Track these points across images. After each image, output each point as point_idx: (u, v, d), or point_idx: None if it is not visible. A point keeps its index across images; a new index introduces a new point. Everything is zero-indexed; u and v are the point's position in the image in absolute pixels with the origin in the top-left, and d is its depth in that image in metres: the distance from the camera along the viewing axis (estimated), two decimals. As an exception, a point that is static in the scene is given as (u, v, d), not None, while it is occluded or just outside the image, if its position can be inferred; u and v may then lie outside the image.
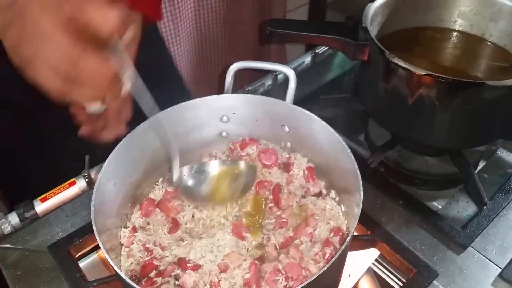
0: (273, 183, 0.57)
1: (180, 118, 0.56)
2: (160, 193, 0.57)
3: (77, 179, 0.70)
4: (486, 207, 0.60)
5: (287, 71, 0.56)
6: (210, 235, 0.52)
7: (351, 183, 0.49)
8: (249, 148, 0.60)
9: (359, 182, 0.47)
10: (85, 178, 0.70)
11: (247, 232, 0.52)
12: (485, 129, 0.61)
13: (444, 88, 0.55)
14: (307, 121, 0.54)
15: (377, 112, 0.67)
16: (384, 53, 0.57)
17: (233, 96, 0.57)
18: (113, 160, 0.50)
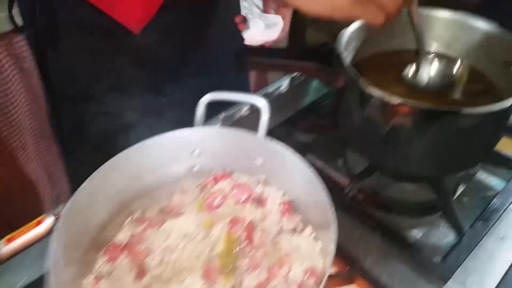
0: (247, 220, 0.54)
1: (148, 155, 0.54)
2: (127, 235, 0.54)
3: (46, 216, 0.67)
4: (465, 237, 0.59)
5: (259, 103, 0.54)
6: (180, 279, 0.49)
7: (326, 218, 0.47)
8: (222, 182, 0.57)
9: (332, 217, 0.45)
10: (54, 215, 0.67)
11: (219, 275, 0.50)
12: (463, 155, 0.59)
13: (419, 116, 0.54)
14: (280, 154, 0.52)
15: (354, 139, 0.65)
16: (358, 81, 0.55)
17: (204, 129, 0.55)
18: (73, 206, 0.47)
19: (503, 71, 0.64)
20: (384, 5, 0.50)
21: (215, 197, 0.56)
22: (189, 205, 0.56)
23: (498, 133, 0.62)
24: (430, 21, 0.69)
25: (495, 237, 0.60)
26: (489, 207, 0.62)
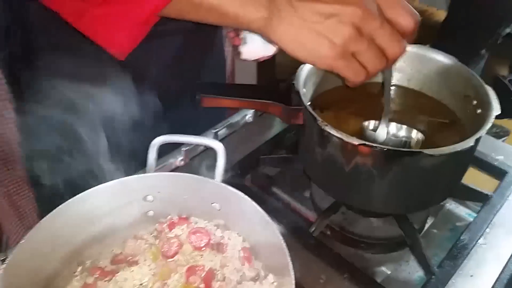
0: (206, 268, 0.52)
1: (98, 201, 0.51)
2: (79, 285, 0.51)
3: (-6, 261, 0.63)
4: (434, 277, 0.57)
5: (216, 145, 0.52)
6: (133, 335, 0.46)
7: (284, 264, 0.45)
8: (178, 228, 0.54)
9: (289, 263, 0.43)
10: (2, 262, 0.62)
11: (175, 330, 0.47)
12: (428, 193, 0.58)
13: (379, 157, 0.53)
14: (236, 200, 0.50)
15: (317, 177, 0.63)
16: (317, 121, 0.54)
17: (156, 175, 0.52)
18: (15, 262, 0.44)
19: (464, 104, 0.64)
20: (367, 64, 0.50)
21: (171, 244, 0.53)
22: (143, 253, 0.53)
23: (462, 169, 0.61)
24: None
25: (465, 275, 0.59)
26: (458, 244, 0.61)
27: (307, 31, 0.47)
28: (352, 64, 0.49)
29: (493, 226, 0.64)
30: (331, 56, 0.48)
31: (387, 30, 0.48)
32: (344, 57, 0.48)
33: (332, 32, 0.46)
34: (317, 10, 0.46)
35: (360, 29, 0.47)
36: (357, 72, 0.50)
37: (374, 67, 0.50)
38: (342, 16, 0.46)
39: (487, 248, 0.62)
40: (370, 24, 0.47)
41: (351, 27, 0.46)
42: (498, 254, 0.61)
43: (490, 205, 0.66)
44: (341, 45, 0.47)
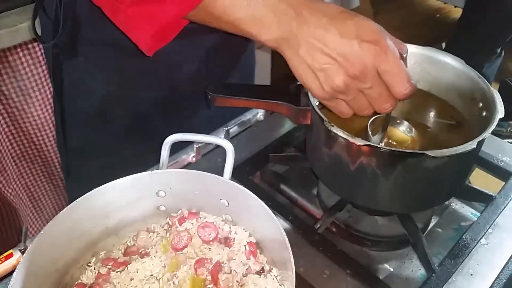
0: (213, 261, 0.54)
1: (113, 196, 0.54)
2: (93, 275, 0.54)
3: (14, 251, 0.66)
4: (435, 275, 0.59)
5: (225, 144, 0.54)
6: (143, 323, 0.49)
7: (287, 259, 0.47)
8: (188, 222, 0.57)
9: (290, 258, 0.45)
10: (21, 251, 0.66)
11: (183, 318, 0.49)
12: (431, 193, 0.60)
13: (383, 157, 0.54)
14: (244, 197, 0.52)
15: (324, 175, 0.65)
16: (324, 122, 0.56)
17: (168, 172, 0.55)
18: (34, 251, 0.47)
19: (471, 107, 0.65)
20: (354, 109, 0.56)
21: (182, 237, 0.55)
22: (155, 245, 0.56)
23: (466, 170, 0.62)
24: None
25: (465, 274, 0.60)
26: (459, 243, 0.62)
27: (307, 67, 0.53)
28: (339, 104, 0.56)
29: (496, 226, 0.65)
30: (320, 96, 0.55)
31: (376, 91, 0.52)
32: (331, 99, 0.55)
33: (324, 78, 0.52)
34: (319, 55, 0.51)
35: (349, 84, 0.52)
36: (342, 111, 0.56)
37: (360, 112, 0.56)
38: (338, 68, 0.51)
39: (488, 248, 0.63)
40: (360, 83, 0.52)
41: (342, 82, 0.51)
42: (498, 255, 0.62)
43: (494, 206, 0.67)
44: (329, 91, 0.53)
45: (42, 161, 1.32)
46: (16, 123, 1.20)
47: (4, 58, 1.07)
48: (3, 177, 1.26)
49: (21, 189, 1.37)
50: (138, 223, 0.57)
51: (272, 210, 0.50)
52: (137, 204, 0.56)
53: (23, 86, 1.13)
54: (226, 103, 0.63)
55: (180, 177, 0.55)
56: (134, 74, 0.76)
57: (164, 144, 0.55)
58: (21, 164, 1.32)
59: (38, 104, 1.17)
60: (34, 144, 1.26)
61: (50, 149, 1.28)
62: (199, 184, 0.55)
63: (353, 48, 0.50)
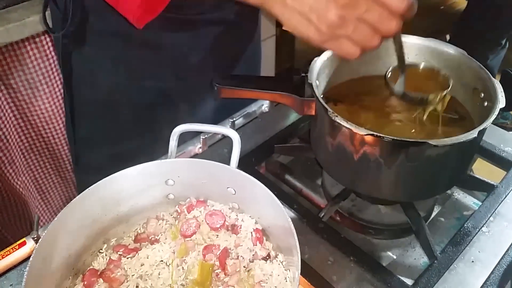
0: (221, 247, 0.56)
1: (123, 184, 0.55)
2: (104, 261, 0.56)
3: (27, 239, 0.68)
4: (437, 261, 0.60)
5: (232, 134, 0.56)
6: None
7: (292, 245, 0.49)
8: (196, 210, 0.59)
9: (296, 245, 0.47)
10: (34, 239, 0.68)
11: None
12: (433, 182, 0.61)
13: (386, 146, 0.55)
14: (250, 185, 0.54)
15: (328, 165, 0.67)
16: (328, 112, 0.57)
17: (176, 161, 0.56)
18: (48, 237, 0.49)
19: (473, 97, 0.66)
20: (358, 43, 0.51)
21: (190, 224, 0.57)
22: (164, 232, 0.58)
23: (467, 159, 0.63)
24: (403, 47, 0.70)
25: (466, 261, 0.62)
26: (461, 231, 0.64)
27: (297, 14, 0.50)
28: (342, 44, 0.51)
29: (497, 215, 0.67)
30: (319, 40, 0.51)
31: (374, 13, 0.49)
32: (332, 39, 0.51)
33: (317, 18, 0.49)
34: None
35: (345, 16, 0.49)
36: (348, 51, 0.52)
37: (367, 45, 0.52)
38: (327, 3, 0.48)
39: (489, 236, 0.64)
40: (355, 10, 0.49)
41: (335, 15, 0.49)
42: (499, 242, 0.63)
43: (495, 195, 0.68)
44: (326, 31, 0.50)
45: (50, 154, 1.34)
46: (24, 116, 1.22)
47: (12, 52, 1.08)
48: (12, 169, 1.28)
49: (29, 181, 1.39)
50: (147, 211, 0.59)
51: (277, 199, 0.51)
52: (147, 192, 0.58)
53: (31, 80, 1.15)
54: (232, 94, 0.65)
55: (188, 166, 0.56)
56: (141, 65, 0.78)
57: (173, 134, 0.57)
58: (29, 156, 1.34)
59: (46, 97, 1.19)
60: (42, 137, 1.28)
61: (58, 141, 1.30)
62: (207, 173, 0.56)
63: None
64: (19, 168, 1.30)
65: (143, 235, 0.58)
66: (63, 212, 0.51)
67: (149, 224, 0.59)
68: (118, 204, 0.56)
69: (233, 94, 0.65)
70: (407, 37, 0.71)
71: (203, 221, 0.58)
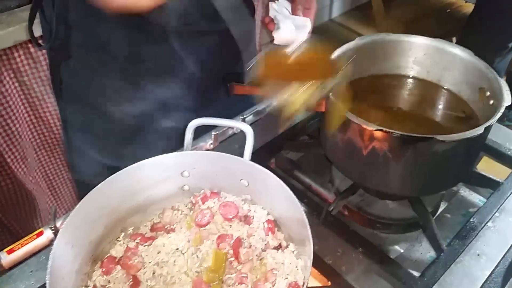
0: (234, 237, 0.58)
1: (140, 175, 0.57)
2: (122, 249, 0.58)
3: (44, 229, 0.70)
4: (443, 254, 0.62)
5: (245, 128, 0.58)
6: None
7: (305, 235, 0.51)
8: (210, 201, 0.61)
9: (309, 235, 0.49)
10: (51, 229, 0.70)
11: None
12: (440, 177, 0.63)
13: (394, 141, 0.57)
14: (263, 177, 0.56)
15: (337, 160, 0.69)
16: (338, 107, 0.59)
17: (192, 153, 0.58)
18: (70, 224, 0.51)
19: (479, 96, 0.68)
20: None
21: (204, 214, 0.59)
22: (179, 222, 0.60)
23: (474, 156, 0.65)
24: (410, 47, 0.72)
25: (472, 254, 0.64)
26: (467, 225, 0.65)
27: None
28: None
29: (503, 211, 0.68)
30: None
31: None
32: None
33: None
34: None
35: None
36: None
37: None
38: None
39: (495, 230, 0.66)
40: None
41: None
42: (504, 237, 0.65)
43: (501, 191, 0.70)
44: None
45: (61, 151, 1.36)
46: (37, 112, 1.24)
47: (26, 50, 1.11)
48: (24, 165, 1.30)
49: (40, 177, 1.41)
50: (163, 202, 0.61)
51: (288, 192, 0.53)
52: (163, 183, 0.60)
53: (44, 77, 1.17)
54: (244, 91, 0.67)
55: (203, 158, 0.58)
56: (127, 78, 0.77)
57: (188, 127, 0.59)
58: (41, 153, 1.36)
59: (58, 94, 1.21)
60: (53, 133, 1.31)
61: (69, 138, 1.32)
62: (221, 165, 0.58)
63: None
64: (31, 164, 1.32)
65: (159, 225, 0.60)
66: (84, 200, 0.53)
67: (165, 214, 0.61)
68: (136, 194, 0.59)
69: (245, 91, 0.67)
70: (414, 37, 0.73)
71: (217, 211, 0.60)
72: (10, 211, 1.32)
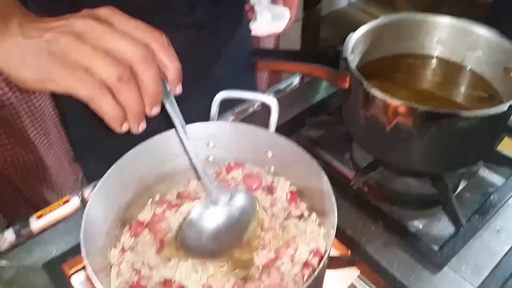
0: (257, 206, 0.59)
1: (167, 145, 0.59)
2: (149, 215, 0.60)
3: (71, 197, 0.73)
4: (462, 229, 0.63)
5: (270, 101, 0.59)
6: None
7: (328, 206, 0.52)
8: (235, 172, 0.62)
9: (333, 204, 0.50)
10: (79, 197, 0.73)
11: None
12: (462, 154, 0.63)
13: (418, 117, 0.58)
14: (288, 148, 0.57)
15: (359, 136, 0.70)
16: (363, 84, 0.60)
17: (218, 123, 0.60)
18: (102, 187, 0.53)
19: (503, 76, 0.68)
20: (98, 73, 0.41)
21: (229, 184, 0.61)
22: (204, 191, 0.61)
23: (496, 134, 0.65)
24: (435, 26, 0.73)
25: (492, 230, 0.65)
26: (488, 202, 0.66)
27: (30, 46, 0.41)
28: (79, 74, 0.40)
29: (523, 189, 0.69)
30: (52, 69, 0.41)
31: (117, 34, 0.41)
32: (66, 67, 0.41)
33: (50, 42, 0.41)
34: (40, 26, 0.42)
35: (81, 35, 0.41)
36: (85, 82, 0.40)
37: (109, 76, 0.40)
38: (62, 28, 0.41)
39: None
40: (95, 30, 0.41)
41: (71, 35, 0.41)
42: (524, 214, 0.66)
43: (522, 170, 0.70)
44: (60, 53, 0.40)
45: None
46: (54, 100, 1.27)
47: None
48: (47, 140, 1.33)
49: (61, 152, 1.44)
50: (189, 172, 0.63)
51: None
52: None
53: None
54: (269, 67, 0.68)
55: (229, 129, 0.60)
56: None
57: (214, 100, 0.61)
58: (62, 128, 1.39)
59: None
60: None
61: (90, 114, 1.35)
62: (246, 136, 0.60)
63: None
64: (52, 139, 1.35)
65: (185, 193, 0.62)
66: (116, 165, 0.55)
67: (191, 183, 0.63)
68: (163, 163, 0.61)
69: (269, 67, 0.68)
70: (440, 17, 0.73)
71: (241, 182, 0.62)
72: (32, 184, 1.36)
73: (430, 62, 0.75)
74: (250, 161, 0.63)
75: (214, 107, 0.62)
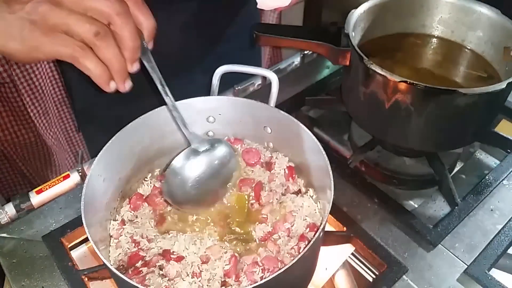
0: (255, 181, 0.60)
1: (168, 118, 0.59)
2: (149, 189, 0.61)
3: (71, 172, 0.73)
4: (457, 208, 0.64)
5: (270, 75, 0.59)
6: (195, 227, 0.56)
7: (326, 182, 0.52)
8: (234, 147, 0.63)
9: (330, 180, 0.51)
10: (78, 172, 0.73)
11: (232, 224, 0.56)
12: (459, 133, 0.64)
13: (418, 94, 0.58)
14: (287, 124, 0.57)
15: (358, 114, 0.70)
16: (363, 60, 0.60)
17: (218, 98, 0.60)
18: (103, 157, 0.53)
19: (504, 55, 0.68)
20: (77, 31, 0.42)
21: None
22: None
23: (493, 113, 0.66)
24: (436, 5, 0.72)
25: (486, 209, 0.65)
26: (483, 182, 0.67)
27: (15, 20, 0.43)
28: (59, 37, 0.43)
29: (518, 170, 0.69)
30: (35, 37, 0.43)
31: None
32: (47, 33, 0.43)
33: (30, 13, 0.43)
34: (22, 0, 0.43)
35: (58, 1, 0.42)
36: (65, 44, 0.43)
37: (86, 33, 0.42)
38: None
39: (510, 188, 0.67)
40: None
41: (47, 2, 0.42)
42: (518, 193, 0.66)
43: (518, 151, 0.71)
44: (40, 21, 0.42)
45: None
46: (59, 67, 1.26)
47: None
48: (46, 120, 1.33)
49: (60, 133, 1.44)
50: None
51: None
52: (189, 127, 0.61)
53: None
54: (270, 42, 0.68)
55: (230, 104, 0.60)
56: None
57: (215, 74, 0.61)
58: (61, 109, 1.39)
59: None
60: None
61: (90, 94, 1.35)
62: (246, 111, 0.60)
63: None
64: (52, 119, 1.35)
65: (184, 167, 0.62)
66: (116, 137, 0.55)
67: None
68: (163, 136, 0.61)
69: (271, 42, 0.68)
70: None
71: (240, 156, 0.62)
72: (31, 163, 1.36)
73: (431, 42, 0.75)
74: (249, 137, 0.64)
75: (215, 81, 0.62)
